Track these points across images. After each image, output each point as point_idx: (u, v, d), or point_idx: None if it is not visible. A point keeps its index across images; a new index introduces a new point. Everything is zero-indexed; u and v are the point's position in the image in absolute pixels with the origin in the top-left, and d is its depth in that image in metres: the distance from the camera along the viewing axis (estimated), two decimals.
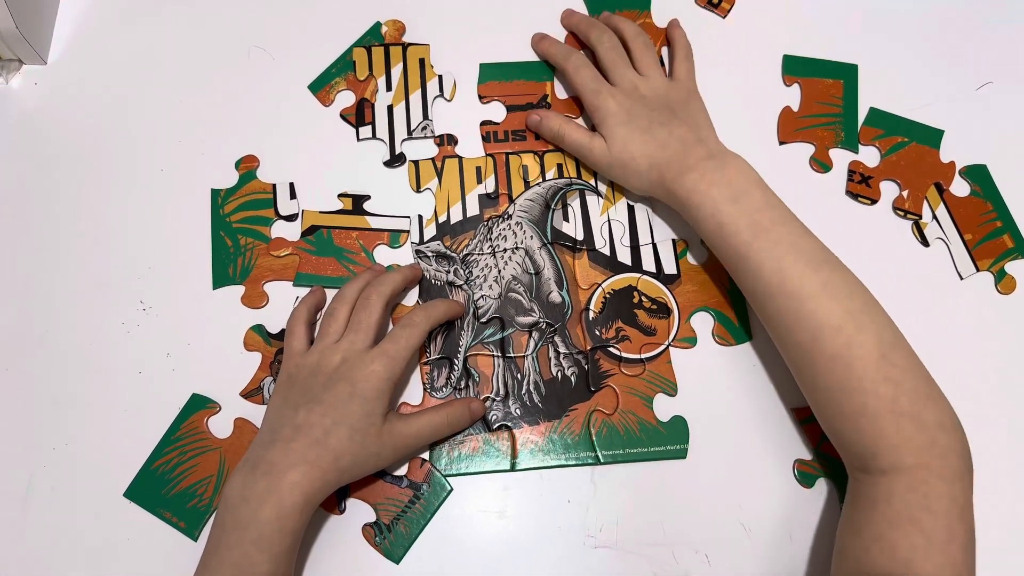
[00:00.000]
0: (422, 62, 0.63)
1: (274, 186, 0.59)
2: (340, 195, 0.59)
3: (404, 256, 0.58)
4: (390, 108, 0.61)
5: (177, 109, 0.61)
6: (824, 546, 0.51)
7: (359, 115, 0.61)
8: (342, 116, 0.61)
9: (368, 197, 0.59)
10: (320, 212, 0.58)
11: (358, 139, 0.60)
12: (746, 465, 0.53)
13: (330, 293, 0.56)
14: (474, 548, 0.51)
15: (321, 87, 0.62)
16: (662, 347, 0.55)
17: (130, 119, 0.61)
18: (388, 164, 0.60)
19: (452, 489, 0.52)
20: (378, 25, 0.64)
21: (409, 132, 0.61)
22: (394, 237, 0.58)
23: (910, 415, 0.44)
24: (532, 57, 0.64)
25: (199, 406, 0.53)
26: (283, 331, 0.54)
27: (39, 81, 0.62)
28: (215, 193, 0.58)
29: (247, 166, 0.59)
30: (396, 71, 0.62)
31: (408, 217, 0.58)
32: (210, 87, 0.62)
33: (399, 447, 0.49)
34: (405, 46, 0.63)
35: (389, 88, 0.62)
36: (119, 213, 0.58)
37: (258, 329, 0.55)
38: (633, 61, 0.59)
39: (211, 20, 0.64)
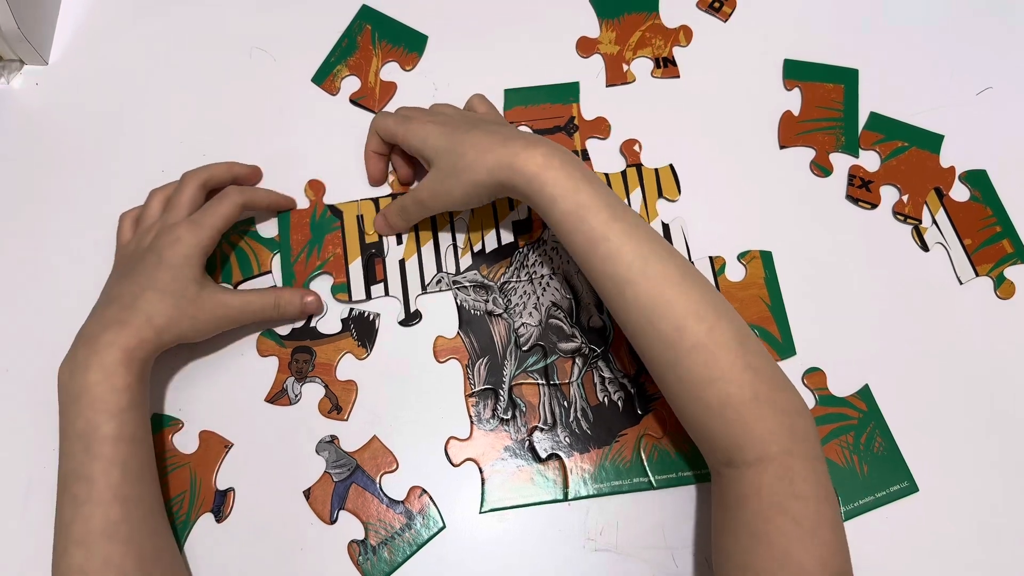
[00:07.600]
0: None
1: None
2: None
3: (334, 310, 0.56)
4: (402, 263, 0.57)
5: (178, 110, 0.61)
6: None
7: (368, 273, 0.56)
8: (352, 101, 0.61)
9: (383, 252, 0.57)
10: (361, 214, 0.57)
11: (369, 296, 0.56)
12: None
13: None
14: (475, 550, 0.51)
15: (325, 77, 0.62)
16: None
17: (131, 120, 0.61)
18: (404, 323, 0.55)
19: (445, 526, 0.51)
20: (365, 8, 0.64)
21: (423, 287, 0.57)
22: (340, 286, 0.56)
23: (770, 402, 0.43)
24: (555, 79, 0.62)
25: (161, 426, 0.52)
26: (293, 330, 0.55)
27: (40, 81, 0.62)
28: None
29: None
30: None
31: (376, 309, 0.56)
32: (212, 87, 0.62)
33: (220, 315, 0.51)
34: None
35: (400, 242, 0.57)
36: (119, 214, 0.58)
37: (269, 335, 0.55)
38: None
39: (212, 21, 0.64)
